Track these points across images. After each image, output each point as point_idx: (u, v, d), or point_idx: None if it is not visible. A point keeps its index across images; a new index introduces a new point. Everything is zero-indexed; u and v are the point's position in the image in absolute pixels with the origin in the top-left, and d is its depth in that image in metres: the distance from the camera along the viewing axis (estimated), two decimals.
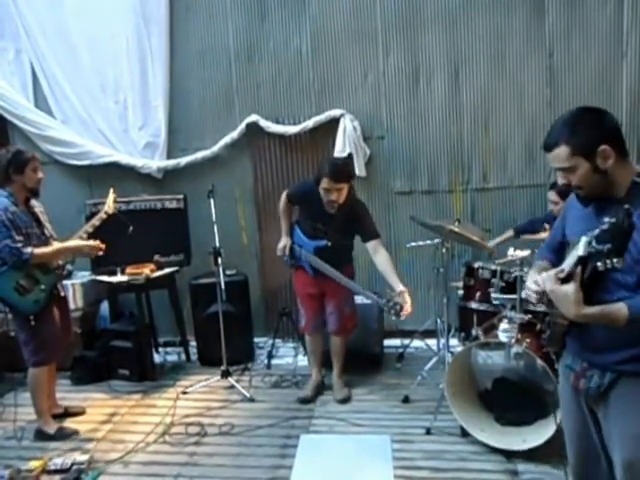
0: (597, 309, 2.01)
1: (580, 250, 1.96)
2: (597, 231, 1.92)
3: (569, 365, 2.29)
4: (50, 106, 5.75)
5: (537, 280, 2.21)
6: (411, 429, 4.11)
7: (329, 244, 4.36)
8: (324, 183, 4.16)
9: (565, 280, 2.03)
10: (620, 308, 1.98)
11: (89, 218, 4.97)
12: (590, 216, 2.16)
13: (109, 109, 5.72)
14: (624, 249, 1.88)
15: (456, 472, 3.60)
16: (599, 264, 1.92)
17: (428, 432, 4.02)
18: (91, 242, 4.13)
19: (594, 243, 1.92)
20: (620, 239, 1.88)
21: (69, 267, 4.30)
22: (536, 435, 3.60)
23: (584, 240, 1.95)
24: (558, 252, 2.44)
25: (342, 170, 4.24)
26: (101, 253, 4.21)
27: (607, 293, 2.06)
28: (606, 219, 1.91)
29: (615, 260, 1.89)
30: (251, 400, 4.66)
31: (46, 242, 4.04)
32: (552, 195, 4.38)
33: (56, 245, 4.06)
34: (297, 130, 5.46)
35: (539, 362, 3.56)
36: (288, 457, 3.84)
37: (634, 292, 2.02)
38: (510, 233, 4.81)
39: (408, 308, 3.98)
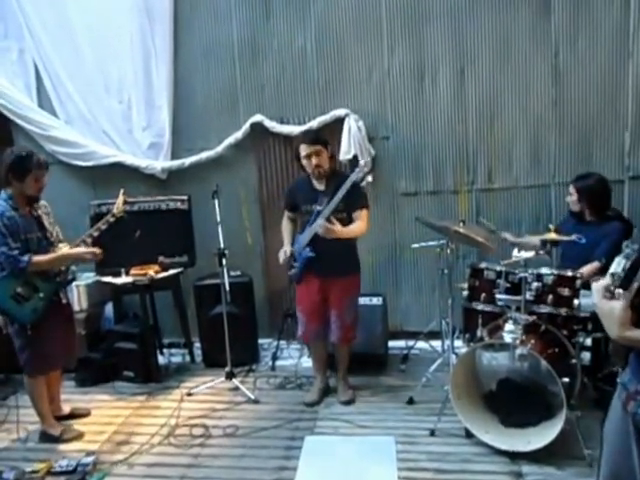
0: None
1: (612, 267, 1.90)
2: (629, 250, 1.88)
3: (624, 383, 2.16)
4: (54, 106, 5.75)
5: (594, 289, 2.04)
6: (415, 430, 4.09)
7: (319, 208, 4.26)
8: (303, 151, 4.30)
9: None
10: None
11: (93, 219, 4.99)
12: None
13: (113, 109, 5.72)
14: (629, 282, 1.82)
15: (460, 474, 3.59)
16: (617, 291, 1.85)
17: (432, 434, 4.01)
18: (92, 248, 4.07)
19: (622, 265, 1.87)
20: (632, 270, 1.82)
21: (74, 268, 4.27)
22: (541, 436, 3.59)
23: (617, 259, 1.90)
24: None
25: (314, 133, 4.58)
26: (100, 257, 4.15)
27: None
28: (636, 245, 1.86)
29: (618, 291, 1.83)
30: (255, 402, 4.66)
31: (48, 246, 3.99)
32: (570, 187, 4.41)
33: (56, 252, 3.99)
34: (302, 130, 5.44)
35: (543, 363, 3.55)
36: (292, 459, 3.83)
37: None
38: (536, 242, 4.41)
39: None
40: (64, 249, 4.03)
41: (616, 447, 2.22)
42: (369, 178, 4.09)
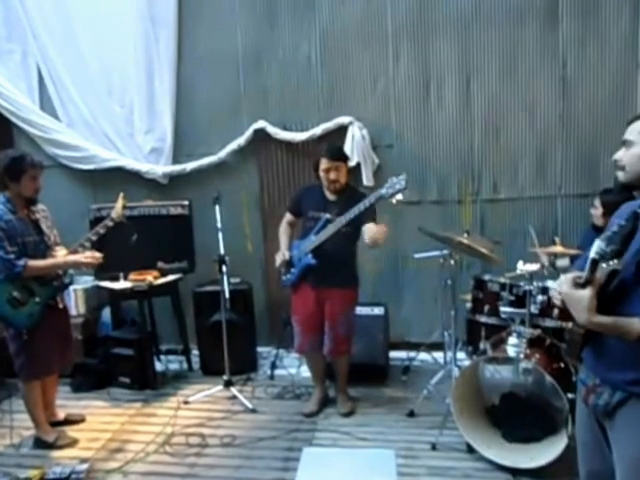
0: (610, 319, 1.96)
1: (592, 252, 1.95)
2: (608, 233, 1.95)
3: (583, 379, 2.23)
4: (56, 109, 5.73)
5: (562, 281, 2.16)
6: (416, 444, 4.03)
7: (328, 217, 4.23)
8: (323, 164, 4.28)
9: (584, 285, 1.98)
10: (634, 322, 1.92)
11: (93, 223, 4.94)
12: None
13: (115, 113, 5.69)
14: (624, 251, 1.94)
15: None
16: (604, 265, 1.94)
17: (433, 447, 3.94)
18: (89, 253, 4.00)
19: (604, 245, 1.93)
20: (624, 241, 1.93)
21: (71, 272, 4.21)
22: (544, 453, 3.52)
23: (597, 242, 1.95)
24: None
25: (337, 148, 4.49)
26: (100, 261, 4.08)
27: (630, 306, 1.98)
28: (622, 221, 1.95)
29: (613, 262, 1.92)
30: (253, 411, 4.60)
31: (45, 250, 3.93)
32: (596, 200, 4.28)
33: (55, 258, 3.93)
34: (305, 137, 5.41)
35: (548, 378, 3.50)
36: (290, 470, 3.77)
37: None
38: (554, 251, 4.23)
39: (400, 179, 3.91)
40: (61, 253, 3.97)
41: (588, 445, 2.29)
42: (399, 196, 3.85)
